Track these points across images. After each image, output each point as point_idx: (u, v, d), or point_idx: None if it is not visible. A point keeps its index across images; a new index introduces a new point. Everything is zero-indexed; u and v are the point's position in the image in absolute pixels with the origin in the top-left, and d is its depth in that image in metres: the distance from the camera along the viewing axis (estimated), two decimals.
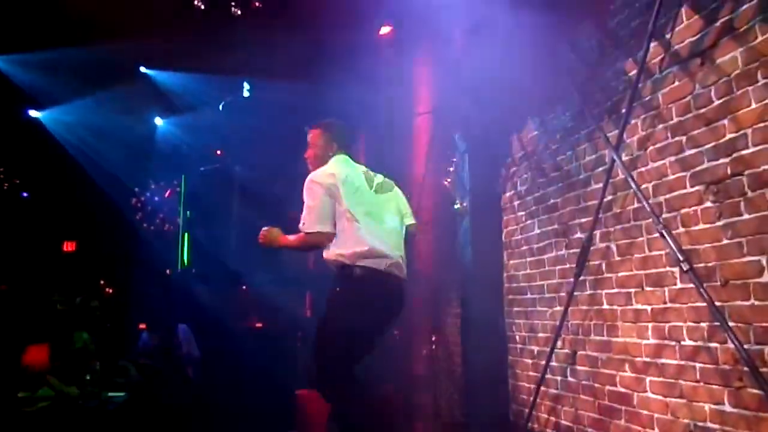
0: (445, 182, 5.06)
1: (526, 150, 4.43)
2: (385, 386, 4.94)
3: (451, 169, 5.04)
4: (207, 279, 6.98)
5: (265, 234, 3.21)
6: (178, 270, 7.51)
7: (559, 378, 3.87)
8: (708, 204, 2.71)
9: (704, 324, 2.72)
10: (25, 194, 8.48)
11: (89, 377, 3.79)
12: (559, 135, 3.99)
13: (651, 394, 3.04)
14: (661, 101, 3.03)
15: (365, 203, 3.15)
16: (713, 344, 2.67)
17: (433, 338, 5.26)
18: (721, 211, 2.63)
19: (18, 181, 8.16)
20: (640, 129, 3.18)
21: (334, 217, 3.08)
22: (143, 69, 6.70)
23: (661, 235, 2.62)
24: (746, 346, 2.40)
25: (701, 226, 2.74)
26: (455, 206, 4.92)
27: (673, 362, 2.90)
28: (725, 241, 2.60)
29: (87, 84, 6.46)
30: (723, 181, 2.62)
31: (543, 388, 3.92)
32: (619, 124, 3.19)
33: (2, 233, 7.59)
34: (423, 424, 5.11)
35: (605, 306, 3.44)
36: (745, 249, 2.50)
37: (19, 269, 7.26)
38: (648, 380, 3.06)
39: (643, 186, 3.08)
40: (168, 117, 7.74)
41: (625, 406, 3.22)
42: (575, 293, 3.57)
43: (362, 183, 3.22)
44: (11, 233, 7.76)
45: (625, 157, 3.23)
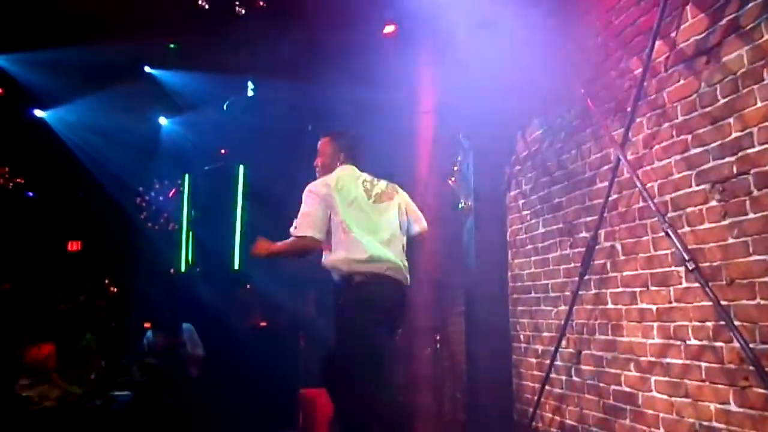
0: (449, 181, 5.05)
1: (531, 149, 4.42)
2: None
3: (456, 168, 5.03)
4: (211, 278, 6.99)
5: (254, 246, 3.21)
6: (182, 269, 7.51)
7: (564, 377, 3.86)
8: (713, 203, 2.70)
9: (710, 323, 2.71)
10: (30, 194, 8.51)
11: (94, 376, 3.80)
12: (564, 134, 3.98)
13: (656, 394, 3.03)
14: (667, 100, 3.02)
15: (361, 214, 3.16)
16: (719, 343, 2.66)
17: (437, 337, 5.26)
18: (727, 210, 2.62)
19: (23, 181, 8.18)
20: (646, 127, 3.17)
21: (327, 228, 3.10)
22: (148, 69, 6.72)
23: (667, 234, 2.61)
24: (752, 346, 2.39)
25: (707, 225, 2.73)
26: (459, 205, 4.91)
27: (679, 362, 2.89)
28: (731, 240, 2.60)
29: (92, 84, 6.47)
30: (729, 180, 2.61)
31: (547, 388, 3.91)
32: (625, 123, 3.18)
33: (7, 232, 7.62)
34: (426, 424, 5.10)
35: (610, 305, 3.43)
36: (751, 248, 2.49)
37: (24, 268, 7.28)
38: (653, 380, 3.06)
39: (649, 185, 3.07)
40: (172, 116, 7.74)
41: (630, 406, 3.22)
42: (580, 292, 3.56)
43: (359, 194, 3.22)
44: (16, 233, 7.79)
45: (631, 156, 3.22)
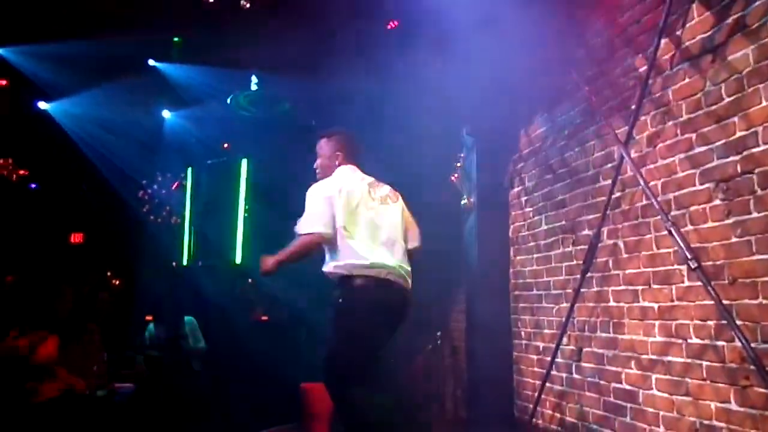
0: (452, 178, 5.05)
1: (534, 146, 4.42)
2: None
3: (458, 165, 5.03)
4: (213, 272, 6.99)
5: (261, 265, 3.09)
6: (185, 262, 7.52)
7: (565, 374, 3.87)
8: (717, 202, 2.70)
9: (711, 322, 2.72)
10: (34, 186, 8.52)
11: (97, 369, 3.82)
12: (568, 131, 3.98)
13: (657, 392, 3.04)
14: (671, 98, 3.01)
15: (364, 217, 3.10)
16: (720, 343, 2.67)
17: (438, 334, 5.26)
18: (731, 209, 2.62)
19: (27, 173, 8.19)
20: (650, 126, 3.16)
21: (334, 223, 3.04)
22: (152, 62, 6.70)
23: (669, 233, 2.61)
24: (753, 345, 2.39)
25: (710, 224, 2.73)
26: (462, 202, 4.91)
27: (680, 360, 2.89)
28: (734, 239, 2.60)
29: (96, 76, 6.46)
30: (733, 179, 2.61)
31: (548, 385, 3.91)
32: (629, 121, 3.18)
33: (11, 224, 7.64)
34: (427, 421, 5.11)
35: (612, 303, 3.43)
36: (754, 247, 2.49)
37: (27, 260, 7.30)
38: (654, 378, 3.06)
39: (652, 183, 3.07)
40: (176, 110, 7.73)
41: (631, 404, 3.22)
42: (582, 290, 3.57)
43: (364, 197, 3.14)
44: (20, 224, 7.81)
45: (634, 154, 3.22)
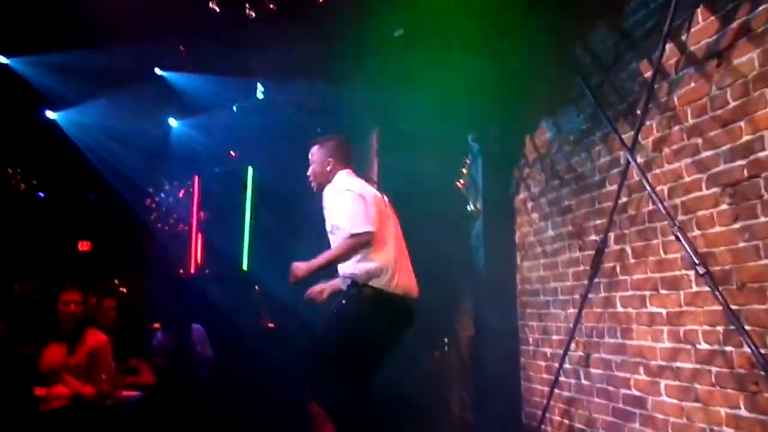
0: (458, 184, 5.05)
1: (540, 152, 4.41)
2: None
3: (464, 171, 5.03)
4: (220, 279, 7.01)
5: (292, 271, 3.06)
6: (192, 270, 7.55)
7: (573, 380, 3.86)
8: (724, 206, 2.69)
9: (720, 328, 2.70)
10: (42, 194, 8.58)
11: (105, 376, 3.82)
12: (574, 137, 3.98)
13: (666, 398, 3.02)
14: (677, 103, 3.01)
15: (383, 224, 3.08)
16: (729, 348, 2.65)
17: (445, 340, 5.25)
18: (738, 214, 2.61)
19: (35, 182, 8.25)
20: (656, 131, 3.16)
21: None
22: (158, 71, 6.74)
23: (677, 238, 2.61)
24: (762, 351, 2.38)
25: (717, 229, 2.72)
26: (468, 208, 4.91)
27: (689, 366, 2.88)
28: (742, 244, 2.58)
29: (102, 85, 6.51)
30: (739, 184, 2.60)
31: (556, 391, 3.90)
32: (635, 126, 3.18)
33: (19, 233, 7.69)
34: (434, 426, 5.10)
35: (619, 309, 3.42)
36: (762, 252, 2.48)
37: (35, 269, 7.34)
38: (663, 384, 3.05)
39: (659, 188, 3.07)
40: (182, 118, 7.77)
41: (640, 410, 3.21)
42: (589, 295, 3.56)
43: (378, 201, 3.14)
44: (28, 233, 7.86)
45: (641, 159, 3.21)
